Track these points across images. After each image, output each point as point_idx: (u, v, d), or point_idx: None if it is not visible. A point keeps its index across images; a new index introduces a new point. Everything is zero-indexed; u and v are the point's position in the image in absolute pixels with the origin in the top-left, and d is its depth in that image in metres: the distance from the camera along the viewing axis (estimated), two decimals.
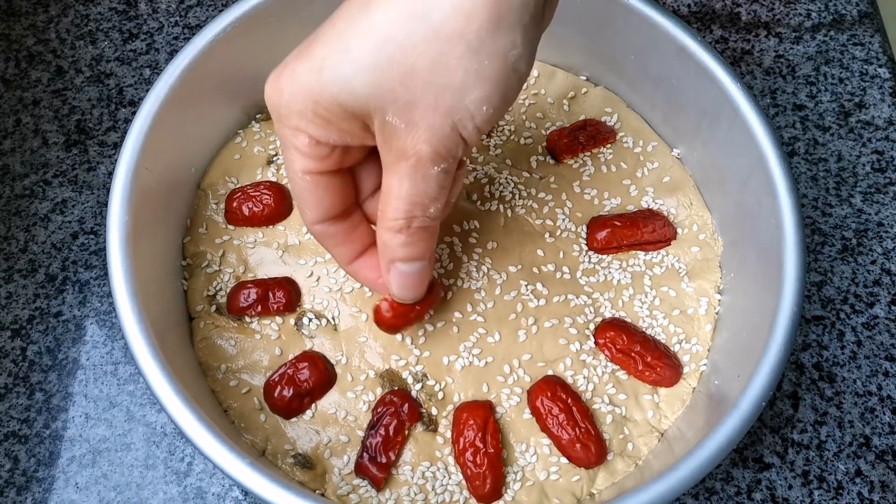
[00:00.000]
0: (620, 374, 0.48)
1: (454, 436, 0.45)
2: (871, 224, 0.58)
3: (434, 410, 0.46)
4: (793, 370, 0.54)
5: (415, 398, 0.46)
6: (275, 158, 0.54)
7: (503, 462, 0.45)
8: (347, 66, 0.33)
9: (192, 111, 0.50)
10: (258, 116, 0.56)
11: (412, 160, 0.35)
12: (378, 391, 0.47)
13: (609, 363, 0.48)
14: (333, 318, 0.49)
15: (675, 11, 0.66)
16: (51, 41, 0.64)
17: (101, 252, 0.56)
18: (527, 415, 0.47)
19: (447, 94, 0.33)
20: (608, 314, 0.50)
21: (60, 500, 0.49)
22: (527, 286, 0.49)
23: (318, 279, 0.50)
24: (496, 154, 0.54)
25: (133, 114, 0.54)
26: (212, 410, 0.44)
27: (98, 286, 0.55)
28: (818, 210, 0.59)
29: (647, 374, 0.48)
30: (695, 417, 0.46)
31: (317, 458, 0.45)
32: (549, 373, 0.48)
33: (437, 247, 0.49)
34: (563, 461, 0.46)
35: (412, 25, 0.32)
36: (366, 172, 0.41)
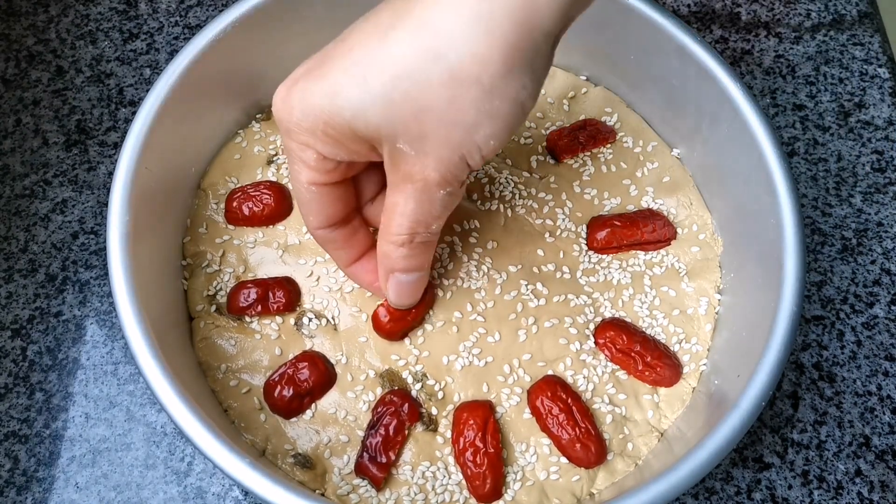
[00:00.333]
0: (620, 374, 0.48)
1: (454, 436, 0.45)
2: (871, 224, 0.58)
3: (434, 410, 0.46)
4: (793, 370, 0.54)
5: (415, 398, 0.46)
6: (275, 158, 0.54)
7: (503, 462, 0.45)
8: (363, 96, 0.33)
9: (192, 111, 0.50)
10: (258, 116, 0.56)
11: (419, 184, 0.36)
12: (378, 391, 0.47)
13: (609, 363, 0.48)
14: (333, 318, 0.49)
15: (675, 11, 0.66)
16: (51, 41, 0.64)
17: (101, 252, 0.56)
18: (527, 414, 0.47)
19: (458, 131, 0.34)
20: (608, 314, 0.50)
21: (60, 500, 0.49)
22: (527, 286, 0.49)
23: (318, 279, 0.50)
24: (496, 154, 0.54)
25: (133, 114, 0.54)
26: (212, 410, 0.44)
27: (98, 286, 0.55)
28: (818, 210, 0.59)
29: (647, 374, 0.48)
30: (695, 417, 0.46)
31: (317, 458, 0.45)
32: (549, 372, 0.48)
33: (437, 247, 0.49)
34: (563, 461, 0.46)
35: (429, 64, 0.33)
36: (367, 180, 0.43)
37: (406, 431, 0.45)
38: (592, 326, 0.49)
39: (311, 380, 0.46)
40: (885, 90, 0.63)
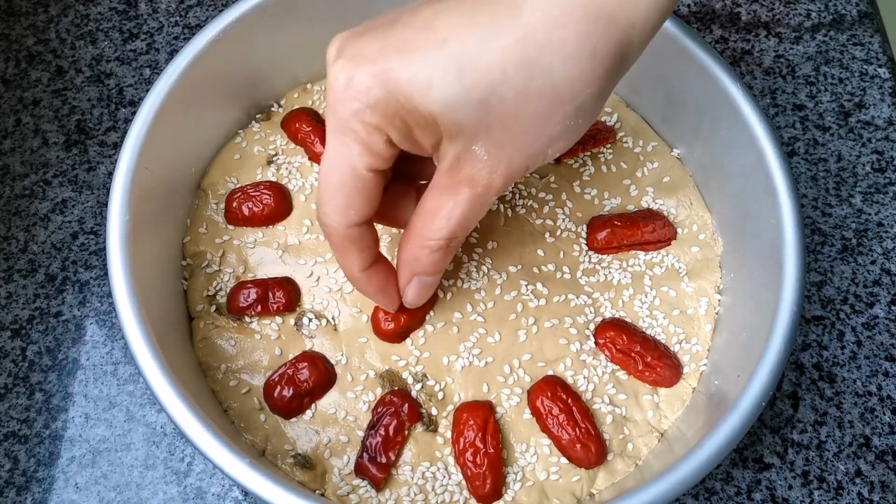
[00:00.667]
0: (620, 374, 0.48)
1: (454, 436, 0.45)
2: (871, 224, 0.58)
3: (434, 410, 0.46)
4: (793, 370, 0.54)
5: (415, 398, 0.46)
6: (275, 158, 0.54)
7: (503, 462, 0.45)
8: (458, 94, 0.33)
9: (192, 111, 0.50)
10: (258, 116, 0.56)
11: (481, 189, 0.36)
12: (378, 391, 0.47)
13: (609, 363, 0.48)
14: (333, 319, 0.49)
15: (675, 11, 0.66)
16: (51, 41, 0.64)
17: (101, 252, 0.56)
18: (527, 415, 0.47)
19: (540, 143, 0.35)
20: (608, 314, 0.50)
21: (60, 500, 0.49)
22: (527, 286, 0.49)
23: (318, 279, 0.50)
24: None
25: (133, 114, 0.54)
26: (212, 410, 0.44)
27: (98, 286, 0.55)
28: (818, 210, 0.59)
29: (647, 375, 0.48)
30: (695, 417, 0.46)
31: (317, 458, 0.45)
32: (550, 373, 0.48)
33: None
34: (563, 461, 0.46)
35: (532, 78, 0.33)
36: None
37: (406, 432, 0.45)
38: (593, 326, 0.49)
39: (311, 380, 0.46)
40: (885, 90, 0.63)
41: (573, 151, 0.54)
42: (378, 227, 0.44)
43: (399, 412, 0.45)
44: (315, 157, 0.53)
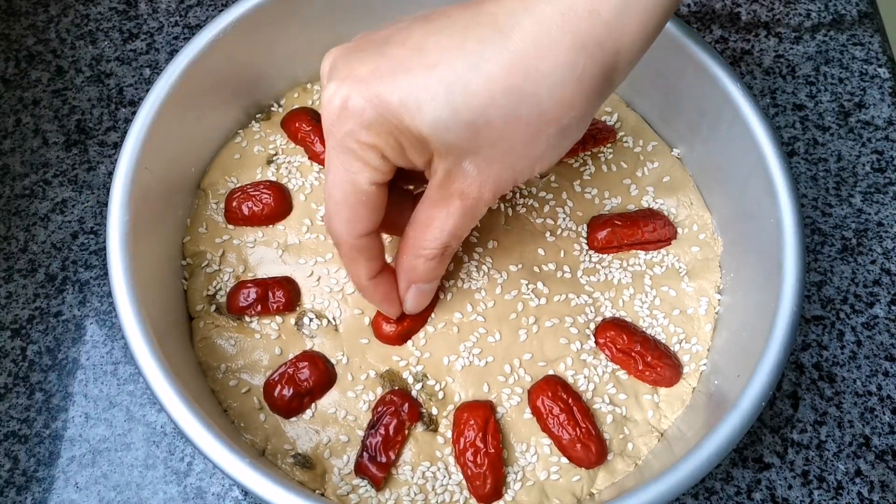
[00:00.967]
0: (621, 374, 0.48)
1: (454, 436, 0.45)
2: (871, 224, 0.58)
3: (434, 410, 0.46)
4: (793, 370, 0.54)
5: (415, 398, 0.46)
6: (274, 158, 0.54)
7: (503, 462, 0.45)
8: (447, 116, 0.34)
9: (192, 111, 0.50)
10: (258, 116, 0.56)
11: (470, 202, 0.38)
12: (378, 391, 0.47)
13: (609, 363, 0.48)
14: (334, 319, 0.49)
15: (676, 12, 0.66)
16: (51, 41, 0.64)
17: (101, 252, 0.56)
18: (527, 415, 0.47)
19: (526, 160, 0.37)
20: (608, 314, 0.50)
21: (60, 500, 0.49)
22: (527, 285, 0.49)
23: (319, 279, 0.50)
24: None
25: (133, 114, 0.54)
26: (212, 410, 0.44)
27: (98, 286, 0.55)
28: (818, 210, 0.59)
29: (648, 374, 0.48)
30: (695, 417, 0.46)
31: (317, 458, 0.45)
32: (550, 372, 0.48)
33: None
34: (564, 461, 0.46)
35: (521, 103, 0.34)
36: None
37: (406, 431, 0.45)
38: (593, 326, 0.49)
39: (311, 379, 0.46)
40: (885, 90, 0.63)
41: (573, 151, 0.54)
42: None
43: (399, 412, 0.45)
44: (315, 157, 0.53)
